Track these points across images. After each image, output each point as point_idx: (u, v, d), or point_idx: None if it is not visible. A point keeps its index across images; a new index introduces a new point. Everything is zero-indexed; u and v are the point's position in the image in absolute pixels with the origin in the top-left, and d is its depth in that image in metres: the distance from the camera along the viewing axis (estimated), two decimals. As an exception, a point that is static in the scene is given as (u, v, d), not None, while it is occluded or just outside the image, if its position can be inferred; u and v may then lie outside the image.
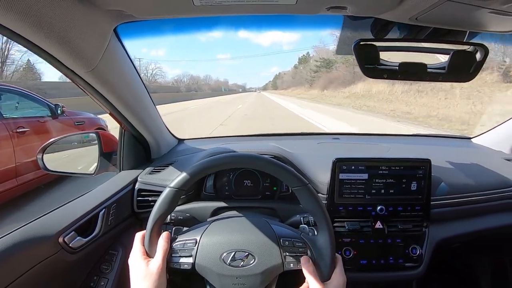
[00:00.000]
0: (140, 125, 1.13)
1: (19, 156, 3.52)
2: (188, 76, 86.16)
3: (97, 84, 0.86)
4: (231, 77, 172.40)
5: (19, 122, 3.77)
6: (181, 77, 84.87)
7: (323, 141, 1.57)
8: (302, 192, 0.71)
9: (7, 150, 3.45)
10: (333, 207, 1.03)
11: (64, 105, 4.62)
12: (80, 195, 1.03)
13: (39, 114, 4.25)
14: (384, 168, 1.02)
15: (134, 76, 1.00)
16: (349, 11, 0.67)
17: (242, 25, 0.91)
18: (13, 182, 3.43)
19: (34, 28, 0.59)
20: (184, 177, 0.71)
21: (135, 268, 0.69)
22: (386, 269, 1.04)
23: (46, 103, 4.39)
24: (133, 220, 1.13)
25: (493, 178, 1.17)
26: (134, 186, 1.12)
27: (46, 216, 0.87)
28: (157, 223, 0.71)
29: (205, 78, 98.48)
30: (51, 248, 0.80)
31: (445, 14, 0.66)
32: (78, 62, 0.74)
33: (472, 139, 1.61)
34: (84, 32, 0.69)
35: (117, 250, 1.03)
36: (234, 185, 1.18)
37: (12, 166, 3.47)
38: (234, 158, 0.75)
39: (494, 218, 1.15)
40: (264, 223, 0.76)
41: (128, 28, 0.83)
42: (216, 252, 0.70)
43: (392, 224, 1.04)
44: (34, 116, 4.16)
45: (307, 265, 0.69)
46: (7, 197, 3.36)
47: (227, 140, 1.64)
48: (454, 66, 0.79)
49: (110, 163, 1.21)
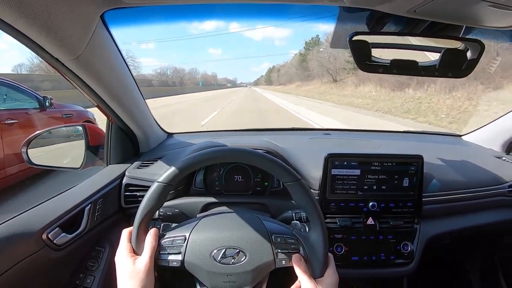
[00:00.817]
0: (128, 117, 1.10)
1: (6, 148, 3.52)
2: (171, 69, 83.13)
3: (83, 73, 0.83)
4: (221, 72, 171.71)
5: (7, 114, 3.77)
6: (160, 69, 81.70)
7: (315, 137, 1.57)
8: (294, 187, 0.70)
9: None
10: (325, 203, 1.03)
11: (52, 98, 4.61)
12: (65, 190, 0.99)
13: (27, 106, 4.23)
14: (376, 164, 1.01)
15: (121, 66, 0.97)
16: (347, 1, 0.66)
17: (236, 15, 0.88)
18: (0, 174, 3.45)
19: (15, 12, 0.56)
20: (173, 171, 0.69)
21: (121, 266, 0.67)
22: (377, 266, 1.04)
23: (34, 96, 4.39)
24: (121, 216, 1.10)
25: (484, 175, 1.18)
26: (121, 181, 1.09)
27: (29, 211, 0.84)
28: (145, 219, 0.69)
29: (191, 71, 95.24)
30: (34, 245, 0.77)
31: (444, 7, 0.64)
32: (62, 49, 0.71)
33: (463, 137, 1.62)
34: (69, 17, 0.65)
35: (103, 246, 1.00)
36: (224, 180, 1.16)
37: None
38: (225, 152, 0.73)
39: (484, 215, 1.16)
40: (256, 219, 0.74)
41: (116, 15, 0.80)
42: (206, 249, 0.69)
43: (383, 221, 1.04)
44: (22, 108, 4.15)
45: (299, 263, 0.68)
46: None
47: (218, 134, 1.62)
48: (445, 64, 0.79)
49: (97, 157, 1.18)
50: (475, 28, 0.82)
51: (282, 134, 1.72)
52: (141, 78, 60.88)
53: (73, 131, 1.21)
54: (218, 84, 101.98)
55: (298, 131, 1.79)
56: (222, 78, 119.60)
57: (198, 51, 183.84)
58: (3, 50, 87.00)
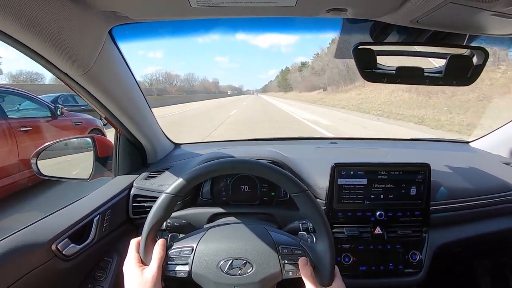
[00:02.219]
0: (136, 129, 1.12)
1: (21, 152, 3.86)
2: (163, 74, 76.53)
3: (92, 87, 0.84)
4: (226, 78, 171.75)
5: (22, 122, 4.09)
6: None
7: (321, 146, 1.56)
8: (301, 198, 0.70)
9: (13, 147, 3.82)
10: (332, 213, 1.02)
11: (63, 107, 5.06)
12: (74, 201, 1.01)
13: (40, 115, 4.60)
14: (383, 172, 1.01)
15: (129, 79, 0.98)
16: (350, 13, 0.67)
17: (240, 27, 0.90)
18: (15, 177, 3.72)
19: (26, 30, 0.57)
20: (180, 182, 0.70)
21: (129, 276, 0.67)
22: (385, 275, 1.03)
23: (46, 105, 4.74)
24: (129, 227, 1.10)
25: (493, 182, 1.17)
26: (129, 192, 1.10)
27: (38, 222, 0.85)
28: (153, 229, 0.69)
29: (187, 77, 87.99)
30: (44, 256, 0.78)
31: (446, 17, 0.65)
32: (72, 65, 0.72)
33: (470, 143, 1.61)
34: (78, 34, 0.67)
35: (112, 257, 1.01)
36: (231, 191, 1.16)
37: (15, 162, 3.77)
38: (232, 164, 0.74)
39: (494, 222, 1.14)
40: (262, 230, 0.75)
41: (124, 30, 0.82)
42: (213, 260, 0.69)
43: (391, 230, 1.03)
44: (36, 116, 4.50)
45: (305, 267, 0.68)
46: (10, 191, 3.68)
47: (224, 144, 1.63)
48: (451, 71, 0.79)
49: (105, 168, 1.19)
50: (479, 36, 0.82)
51: (288, 143, 1.72)
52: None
53: (84, 143, 1.23)
54: (220, 91, 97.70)
55: (305, 140, 1.79)
56: (227, 86, 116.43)
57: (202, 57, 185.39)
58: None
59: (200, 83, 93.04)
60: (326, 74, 41.58)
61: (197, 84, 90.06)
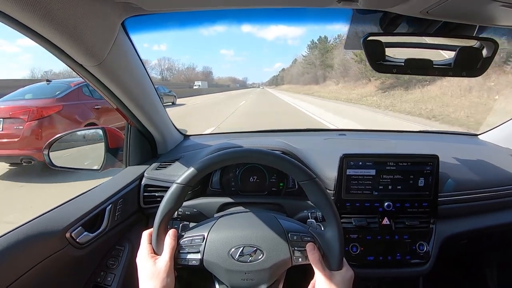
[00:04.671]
0: (146, 120, 1.13)
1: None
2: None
3: (105, 78, 0.86)
4: (228, 71, 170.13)
5: (96, 102, 5.64)
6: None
7: (329, 137, 1.57)
8: (310, 186, 0.71)
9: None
10: (340, 203, 1.03)
11: None
12: (87, 190, 1.03)
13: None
14: (391, 164, 1.01)
15: (141, 70, 1.00)
16: (360, 4, 0.67)
17: (250, 18, 0.90)
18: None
19: (43, 21, 0.59)
20: (190, 173, 0.71)
21: (142, 267, 0.69)
22: (393, 266, 1.03)
23: None
24: (140, 216, 1.13)
25: (502, 174, 1.16)
26: (140, 182, 1.12)
27: (53, 211, 0.88)
28: (164, 220, 0.71)
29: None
30: (58, 243, 0.80)
31: (456, 8, 0.65)
32: (86, 56, 0.74)
33: (479, 136, 1.60)
34: (93, 25, 0.69)
35: (123, 245, 1.03)
36: (240, 181, 1.17)
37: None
38: (241, 153, 0.74)
39: (502, 215, 1.14)
40: (272, 218, 0.76)
41: (134, 22, 0.83)
42: (224, 248, 0.70)
43: (399, 221, 1.03)
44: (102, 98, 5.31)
45: (312, 252, 0.69)
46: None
47: (233, 136, 1.64)
48: (460, 62, 0.78)
49: (116, 159, 1.21)
50: (489, 27, 0.81)
51: (297, 135, 1.72)
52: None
53: (96, 135, 1.25)
54: (218, 85, 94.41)
55: (313, 132, 1.79)
56: (228, 78, 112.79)
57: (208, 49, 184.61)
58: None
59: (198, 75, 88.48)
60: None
61: (200, 75, 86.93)
